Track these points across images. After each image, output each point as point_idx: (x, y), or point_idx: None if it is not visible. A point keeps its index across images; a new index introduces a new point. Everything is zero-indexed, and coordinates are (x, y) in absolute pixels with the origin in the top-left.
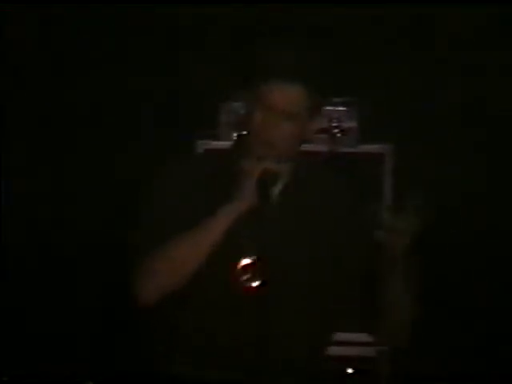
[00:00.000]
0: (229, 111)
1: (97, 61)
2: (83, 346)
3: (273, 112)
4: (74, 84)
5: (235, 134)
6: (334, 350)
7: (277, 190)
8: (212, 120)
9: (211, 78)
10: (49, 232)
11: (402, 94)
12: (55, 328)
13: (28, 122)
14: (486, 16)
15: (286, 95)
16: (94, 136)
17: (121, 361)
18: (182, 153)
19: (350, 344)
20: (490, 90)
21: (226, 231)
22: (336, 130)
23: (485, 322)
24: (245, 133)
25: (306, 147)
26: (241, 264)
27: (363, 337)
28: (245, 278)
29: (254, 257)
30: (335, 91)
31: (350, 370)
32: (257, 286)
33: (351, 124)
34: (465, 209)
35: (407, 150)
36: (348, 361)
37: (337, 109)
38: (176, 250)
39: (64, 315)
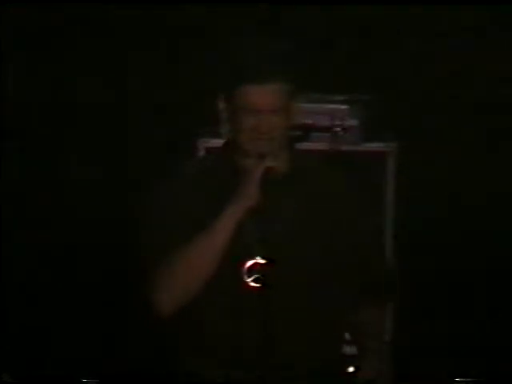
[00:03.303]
0: None
1: (96, 60)
2: (88, 345)
3: (260, 111)
4: (74, 83)
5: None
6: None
7: (279, 188)
8: (213, 118)
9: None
10: (52, 229)
11: (405, 91)
12: (60, 327)
13: (28, 121)
14: (486, 16)
15: (268, 93)
16: (94, 135)
17: (126, 360)
18: (182, 151)
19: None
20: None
21: (232, 232)
22: (338, 129)
23: (484, 322)
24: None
25: (308, 145)
26: (246, 264)
27: None
28: (250, 278)
29: (259, 257)
30: (337, 89)
31: (351, 369)
32: (261, 286)
33: (353, 122)
34: (465, 208)
35: (410, 148)
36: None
37: (339, 107)
38: (188, 258)
39: (69, 313)
